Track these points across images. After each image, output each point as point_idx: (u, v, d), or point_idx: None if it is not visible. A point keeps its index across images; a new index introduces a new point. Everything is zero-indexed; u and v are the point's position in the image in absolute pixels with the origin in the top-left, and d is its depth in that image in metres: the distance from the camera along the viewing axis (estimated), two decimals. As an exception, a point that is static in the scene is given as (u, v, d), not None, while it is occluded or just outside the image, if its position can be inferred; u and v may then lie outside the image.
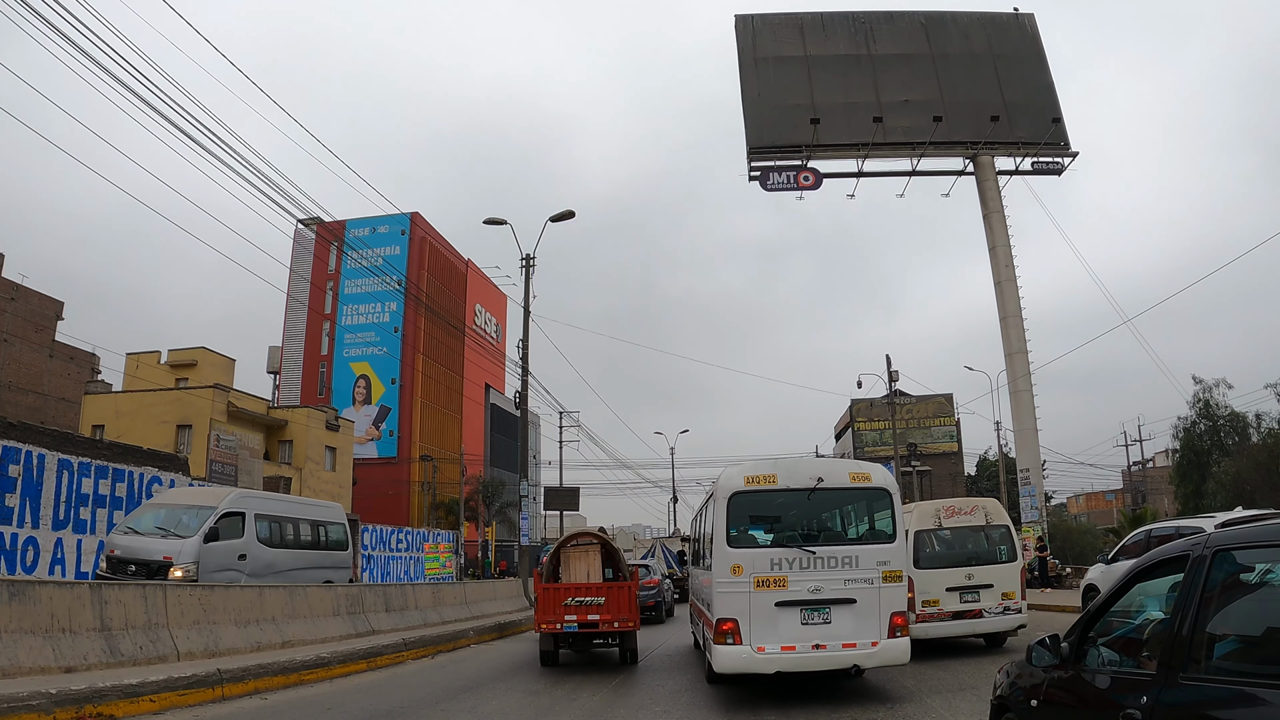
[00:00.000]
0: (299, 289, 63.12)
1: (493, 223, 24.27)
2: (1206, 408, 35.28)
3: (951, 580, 12.28)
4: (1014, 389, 30.87)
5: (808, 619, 8.76)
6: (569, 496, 59.01)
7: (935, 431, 53.81)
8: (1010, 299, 32.10)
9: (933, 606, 12.12)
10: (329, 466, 41.69)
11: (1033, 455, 29.95)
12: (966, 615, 12.16)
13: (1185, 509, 33.35)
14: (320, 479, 40.66)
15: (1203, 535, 3.36)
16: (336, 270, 65.36)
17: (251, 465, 28.70)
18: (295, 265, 64.96)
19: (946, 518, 13.05)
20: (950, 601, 12.16)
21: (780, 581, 8.86)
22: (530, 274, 24.52)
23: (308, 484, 39.64)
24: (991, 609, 12.24)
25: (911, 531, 12.27)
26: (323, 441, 41.27)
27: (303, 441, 40.04)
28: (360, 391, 62.05)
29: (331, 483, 41.58)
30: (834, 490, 9.48)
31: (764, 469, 9.57)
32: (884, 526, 9.51)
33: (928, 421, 53.91)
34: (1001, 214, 33.95)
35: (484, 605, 19.18)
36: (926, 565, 12.49)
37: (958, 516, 13.08)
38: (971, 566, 12.46)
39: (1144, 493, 54.60)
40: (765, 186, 33.32)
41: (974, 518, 13.07)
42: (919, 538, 12.70)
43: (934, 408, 54.63)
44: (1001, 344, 31.98)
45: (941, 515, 13.09)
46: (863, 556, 8.96)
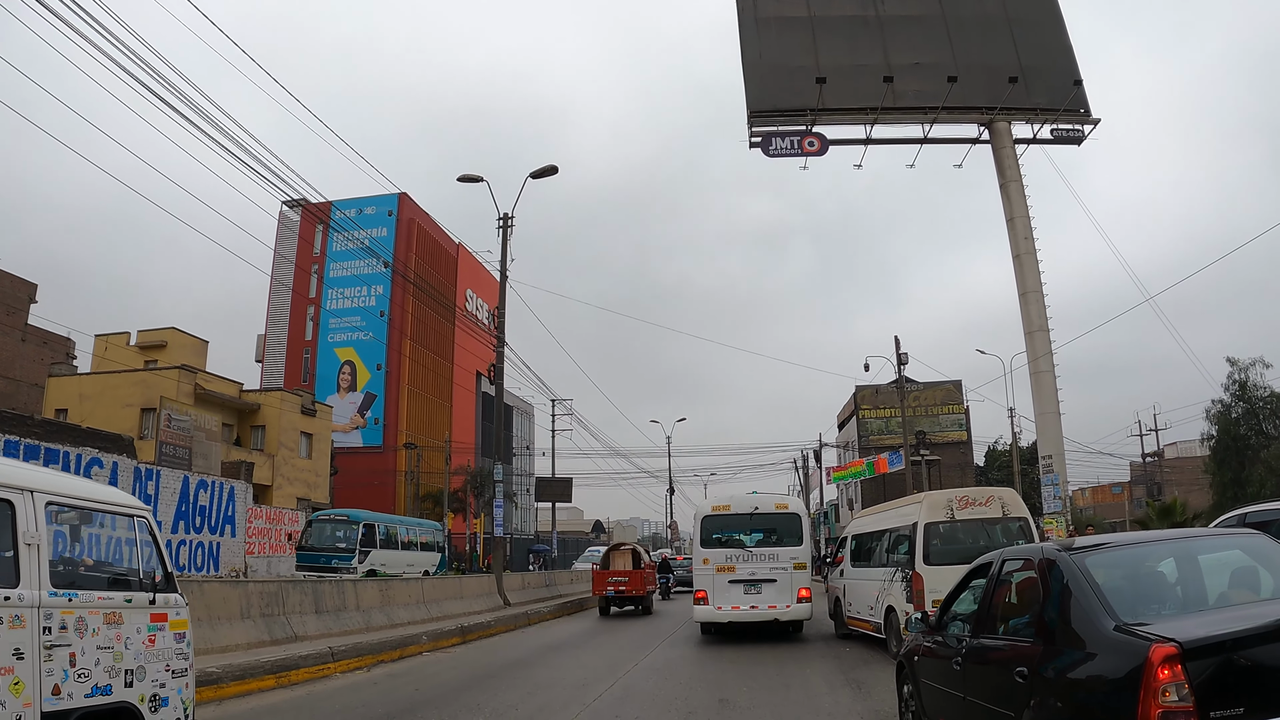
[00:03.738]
0: (283, 272, 60.84)
1: (467, 180, 22.03)
2: (1242, 389, 32.88)
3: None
4: (1034, 369, 28.62)
5: (748, 591, 14.45)
6: (561, 487, 56.90)
7: (943, 420, 51.54)
8: (1030, 273, 29.84)
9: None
10: (304, 453, 39.46)
11: (1055, 441, 27.70)
12: None
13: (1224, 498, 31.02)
14: (295, 467, 38.43)
15: (999, 551, 5.88)
16: (322, 253, 63.04)
17: (208, 449, 26.50)
18: (280, 247, 62.69)
19: (960, 509, 11.82)
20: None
21: (731, 568, 14.52)
22: (508, 234, 22.28)
23: (281, 472, 37.42)
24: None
25: (921, 524, 11.64)
26: (297, 427, 39.02)
27: (276, 426, 37.80)
28: (345, 378, 59.78)
29: (307, 471, 39.36)
30: (765, 514, 15.23)
31: (723, 500, 16.08)
32: (795, 537, 14.92)
33: (935, 409, 51.62)
34: (1020, 183, 31.70)
35: (447, 605, 17.00)
36: (937, 561, 11.28)
37: (972, 508, 11.87)
38: None
39: (1160, 484, 52.37)
40: (767, 152, 31.02)
41: (990, 509, 11.91)
42: (929, 531, 11.68)
43: (942, 395, 52.33)
44: (1021, 323, 29.73)
45: (954, 506, 11.85)
46: (781, 554, 14.59)
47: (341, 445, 56.99)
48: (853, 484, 54.25)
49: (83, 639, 4.53)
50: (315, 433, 40.38)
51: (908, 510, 12.81)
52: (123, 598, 4.92)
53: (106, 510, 5.00)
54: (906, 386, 47.78)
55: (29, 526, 4.22)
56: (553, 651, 14.38)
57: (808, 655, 13.16)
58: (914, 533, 11.89)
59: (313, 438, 40.17)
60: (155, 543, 5.30)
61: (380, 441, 56.92)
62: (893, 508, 14.34)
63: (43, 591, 4.28)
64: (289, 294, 61.27)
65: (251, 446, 38.06)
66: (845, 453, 56.82)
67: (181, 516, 24.78)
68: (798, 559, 14.70)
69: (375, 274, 59.53)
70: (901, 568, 12.23)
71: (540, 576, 26.80)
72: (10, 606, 4.08)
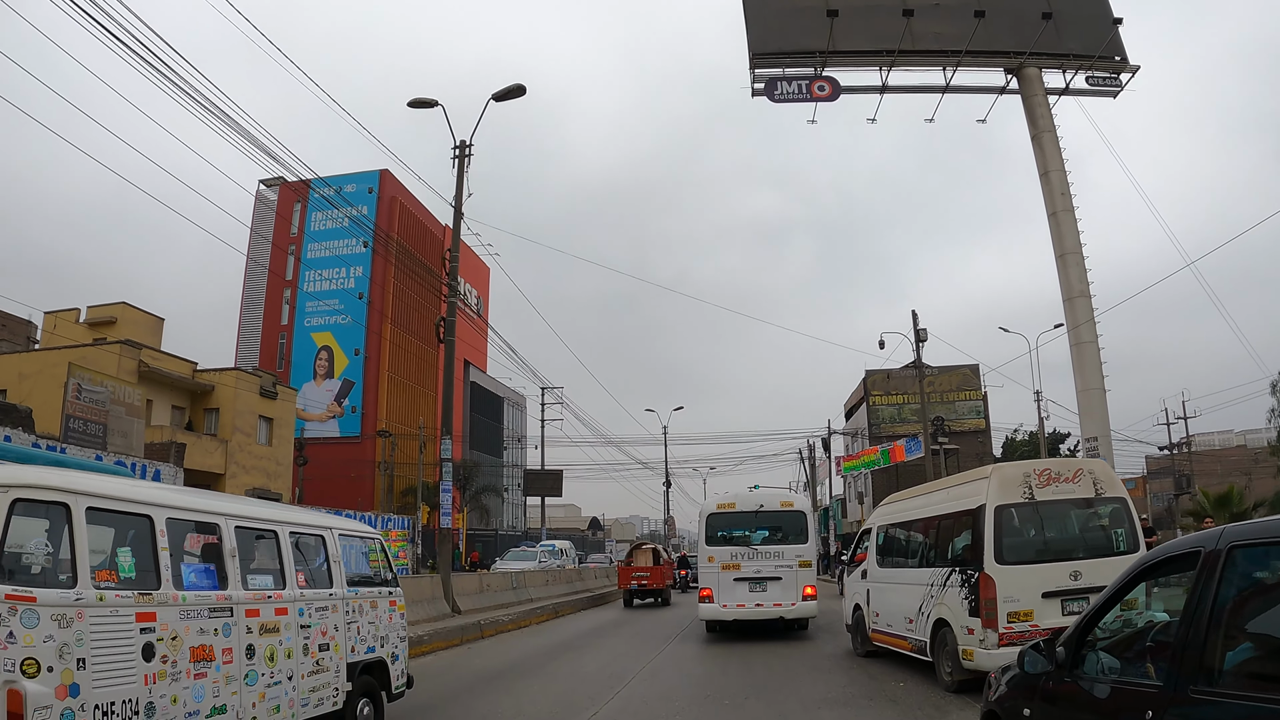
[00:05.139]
0: (260, 253, 57.43)
1: (419, 105, 18.65)
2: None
3: (1050, 581, 8.60)
4: (1075, 340, 25.21)
5: (753, 588, 14.77)
6: (551, 481, 53.50)
7: (960, 406, 47.95)
8: (1068, 232, 26.46)
9: (1023, 621, 8.42)
10: (263, 439, 36.02)
11: (1101, 421, 24.29)
12: None
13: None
14: (251, 454, 35.01)
15: (1215, 530, 3.15)
16: (300, 232, 59.65)
17: (129, 425, 23.17)
18: (256, 226, 59.22)
19: (1040, 486, 9.07)
20: (1049, 613, 8.42)
21: (736, 566, 14.86)
22: (465, 164, 18.93)
23: (235, 459, 34.02)
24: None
25: (990, 507, 8.90)
26: (255, 410, 35.58)
27: (230, 409, 34.38)
28: (321, 364, 56.40)
29: (266, 459, 35.94)
30: (770, 511, 15.40)
31: (728, 499, 15.97)
32: (800, 534, 15.17)
33: (951, 395, 48.05)
34: (1054, 133, 28.31)
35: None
36: (1012, 558, 8.76)
37: (1056, 485, 9.12)
38: (1078, 560, 8.73)
39: (1188, 475, 48.93)
40: (772, 97, 27.70)
41: (1078, 486, 9.18)
42: (1002, 517, 8.94)
43: (958, 380, 48.77)
44: (1059, 288, 26.33)
45: (1034, 482, 9.10)
46: (786, 552, 14.88)
47: (318, 435, 53.70)
48: (862, 477, 50.76)
49: (361, 617, 7.16)
50: (276, 417, 36.95)
51: (966, 490, 9.81)
52: (377, 591, 7.58)
53: (362, 537, 7.85)
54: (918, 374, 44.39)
55: (335, 550, 6.99)
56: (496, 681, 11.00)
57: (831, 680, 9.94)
58: (979, 520, 8.98)
59: (274, 422, 36.74)
60: (386, 555, 8.16)
61: (358, 431, 53.56)
62: (940, 488, 11.15)
63: (344, 589, 6.97)
64: (264, 274, 57.93)
65: (205, 431, 34.68)
66: (854, 442, 53.32)
67: (94, 503, 21.36)
68: (803, 557, 14.79)
69: (355, 254, 56.14)
70: (959, 567, 9.33)
71: (505, 578, 23.35)
72: (332, 599, 6.75)
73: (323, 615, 6.54)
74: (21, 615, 4.06)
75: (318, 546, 6.83)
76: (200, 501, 5.83)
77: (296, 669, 6.08)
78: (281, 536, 6.29)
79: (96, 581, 4.52)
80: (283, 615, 6.01)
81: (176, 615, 4.96)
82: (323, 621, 6.52)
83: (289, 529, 6.43)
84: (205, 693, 5.09)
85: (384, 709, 7.46)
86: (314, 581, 6.60)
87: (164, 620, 4.85)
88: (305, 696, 6.14)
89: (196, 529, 5.60)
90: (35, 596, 4.14)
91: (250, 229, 58.95)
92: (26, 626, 4.06)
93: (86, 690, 4.26)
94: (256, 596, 5.78)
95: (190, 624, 5.06)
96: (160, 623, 4.82)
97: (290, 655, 6.01)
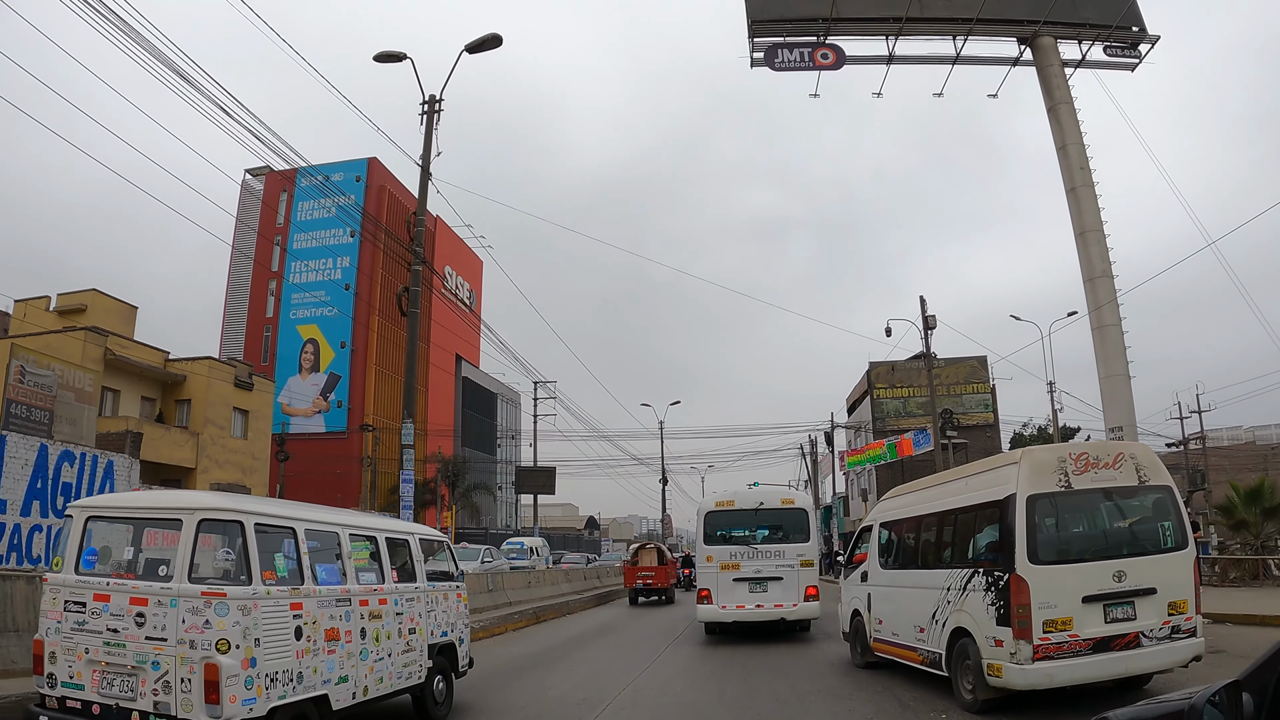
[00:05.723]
0: (245, 244, 55.74)
1: (386, 59, 17.00)
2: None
3: (1091, 583, 7.46)
4: (1097, 323, 23.56)
5: (753, 589, 14.22)
6: (543, 478, 51.83)
7: (967, 400, 46.20)
8: (1088, 208, 24.83)
9: (1061, 631, 7.28)
10: (238, 432, 34.33)
11: (1125, 409, 22.63)
12: (1115, 644, 7.36)
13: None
14: (225, 448, 33.33)
15: None
16: (286, 222, 57.98)
17: (78, 413, 21.51)
18: (242, 216, 57.49)
19: (1077, 472, 7.86)
20: (1089, 620, 7.35)
21: (735, 566, 14.31)
22: (434, 121, 17.29)
23: (208, 453, 32.36)
24: (1154, 631, 7.46)
25: (1022, 497, 7.67)
26: (229, 402, 33.89)
27: (203, 400, 32.71)
28: (307, 358, 54.71)
29: (242, 453, 34.25)
30: (770, 509, 14.89)
31: (727, 496, 15.44)
32: (802, 532, 14.69)
33: (958, 389, 46.29)
34: (1071, 104, 26.68)
35: None
36: (1049, 557, 7.59)
37: (1095, 471, 7.92)
38: (1122, 558, 7.62)
39: (1202, 470, 47.31)
40: (773, 66, 26.06)
41: (1120, 472, 7.97)
42: (1035, 508, 7.69)
43: (966, 372, 47.06)
44: (1079, 268, 24.69)
45: (1070, 468, 7.87)
46: (787, 551, 14.35)
47: (304, 430, 52.05)
48: (865, 473, 49.06)
49: (437, 606, 8.40)
50: (253, 409, 35.26)
51: (991, 479, 8.50)
52: (447, 585, 8.85)
53: (434, 539, 9.12)
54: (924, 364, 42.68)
55: (416, 551, 8.22)
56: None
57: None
58: (1009, 512, 7.74)
59: (249, 415, 35.05)
60: (452, 554, 9.45)
61: (344, 426, 51.86)
62: (956, 478, 9.66)
63: (425, 583, 8.23)
64: (249, 265, 56.26)
65: (176, 423, 33.02)
66: (857, 436, 51.58)
67: (37, 496, 19.56)
68: (805, 556, 14.39)
69: (342, 244, 54.48)
70: (983, 568, 8.07)
71: (480, 579, 21.63)
72: (417, 591, 7.96)
73: (410, 604, 7.79)
74: (215, 607, 5.24)
75: (404, 548, 8.09)
76: (325, 516, 7.09)
77: (394, 648, 7.34)
78: (379, 541, 7.58)
79: (264, 580, 5.66)
80: (383, 605, 7.25)
81: (315, 604, 6.17)
82: (410, 609, 7.78)
83: (384, 535, 7.74)
84: (334, 665, 6.32)
85: (454, 685, 8.70)
86: (403, 577, 7.84)
87: (307, 609, 6.07)
88: (399, 670, 7.43)
89: (324, 537, 6.76)
90: (225, 592, 5.34)
91: (236, 219, 57.41)
92: (219, 615, 5.23)
93: (260, 663, 5.44)
94: (366, 589, 7.04)
95: (324, 611, 6.28)
96: (305, 610, 6.02)
97: (389, 637, 7.27)
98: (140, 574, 5.77)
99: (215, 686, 5.08)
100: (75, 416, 21.09)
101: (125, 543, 6.20)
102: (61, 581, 5.65)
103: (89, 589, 5.51)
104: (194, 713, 5.09)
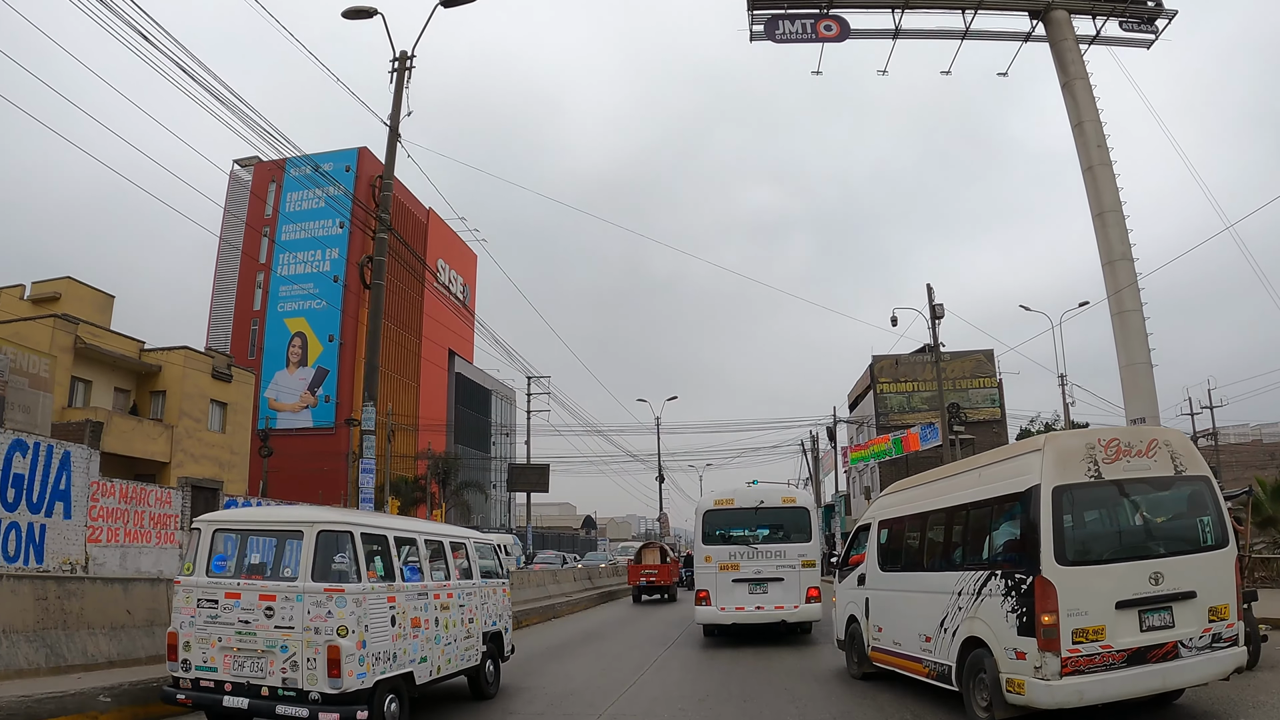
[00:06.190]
0: (233, 235, 54.40)
1: (355, 15, 15.71)
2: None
3: (1126, 586, 6.58)
4: (1117, 308, 22.25)
5: (753, 590, 13.85)
6: (537, 475, 50.48)
7: (973, 395, 44.89)
8: (1106, 188, 23.52)
9: (1092, 641, 6.38)
10: (215, 425, 32.96)
11: (1148, 400, 21.32)
12: (1151, 656, 6.46)
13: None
14: (202, 441, 31.98)
15: None
16: (274, 213, 56.61)
17: (32, 399, 20.17)
18: (230, 207, 56.15)
19: (1108, 461, 6.95)
20: (1124, 628, 6.46)
21: (735, 566, 13.93)
22: (404, 78, 15.99)
23: (182, 446, 31.01)
24: (1193, 640, 6.58)
25: (1047, 488, 6.76)
26: (207, 394, 32.54)
27: (177, 392, 31.35)
28: (295, 351, 53.37)
29: (219, 447, 32.89)
30: (771, 508, 14.48)
31: (726, 494, 14.96)
32: (803, 532, 14.28)
33: (963, 383, 44.95)
34: (1086, 80, 25.40)
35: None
36: (1078, 556, 6.70)
37: (1127, 460, 7.01)
38: (1159, 558, 6.74)
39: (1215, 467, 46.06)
40: (774, 37, 24.77)
41: (1154, 461, 7.08)
42: (1061, 501, 6.78)
43: (971, 366, 45.72)
44: (1098, 251, 23.37)
45: (1100, 456, 6.96)
46: (788, 551, 14.00)
47: (291, 426, 50.75)
48: (868, 471, 47.72)
49: (489, 600, 9.65)
50: (232, 402, 33.90)
51: (1009, 469, 7.55)
52: (496, 582, 10.12)
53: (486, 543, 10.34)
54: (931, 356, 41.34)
55: (472, 552, 9.51)
56: None
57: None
58: (1032, 506, 6.87)
59: (228, 407, 33.69)
60: (498, 555, 10.57)
61: (332, 421, 50.53)
62: (967, 469, 8.61)
63: (480, 580, 9.46)
64: (237, 257, 54.90)
65: (151, 415, 31.67)
66: (859, 432, 50.21)
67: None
68: (806, 556, 14.06)
69: (331, 236, 53.16)
70: (1000, 570, 7.16)
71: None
72: (474, 586, 9.21)
73: (469, 597, 8.94)
74: (335, 600, 6.50)
75: (463, 550, 9.25)
76: (407, 525, 8.58)
77: (458, 634, 8.49)
78: (445, 545, 8.78)
79: (368, 578, 6.99)
80: (450, 598, 8.41)
81: (404, 598, 7.47)
82: (469, 602, 8.95)
83: (449, 539, 8.97)
84: (418, 647, 7.58)
85: (501, 668, 9.92)
86: (463, 575, 9.03)
87: (398, 601, 7.35)
88: (462, 654, 8.59)
89: (406, 542, 8.00)
90: (343, 589, 6.63)
91: (224, 209, 56.12)
92: (339, 607, 6.49)
93: (369, 645, 6.72)
94: (438, 585, 8.26)
95: (409, 603, 7.56)
96: (397, 603, 7.32)
97: (455, 625, 8.43)
98: (267, 575, 7.23)
99: (337, 663, 6.26)
100: (29, 404, 19.79)
101: (250, 550, 7.73)
102: (194, 583, 6.77)
103: (220, 588, 6.67)
104: (318, 685, 6.22)
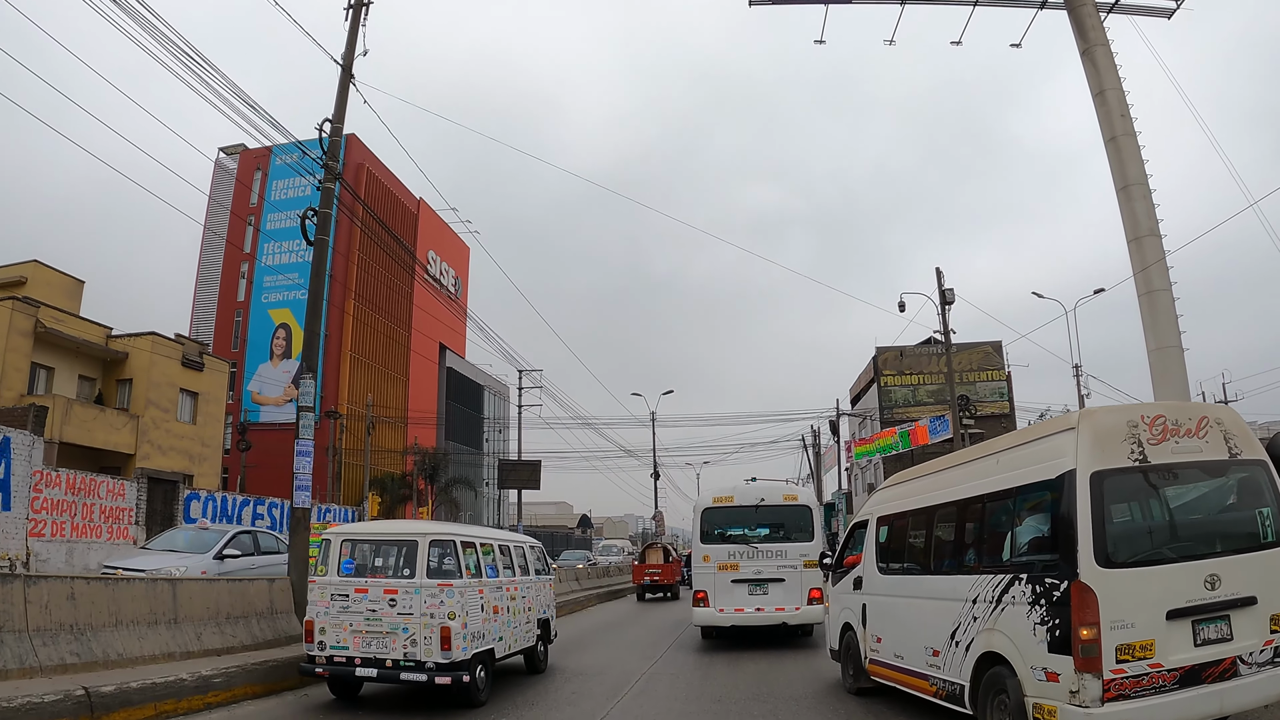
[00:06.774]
0: (217, 225, 52.78)
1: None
2: None
3: (1178, 592, 5.36)
4: (1144, 288, 20.51)
5: (752, 591, 13.52)
6: (528, 472, 48.72)
7: (981, 388, 43.23)
8: (1131, 160, 21.77)
9: (1139, 659, 5.19)
10: (185, 416, 31.34)
11: (1179, 385, 19.55)
12: (1207, 675, 5.27)
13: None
14: (170, 432, 30.37)
15: None
16: (260, 202, 54.99)
17: (-36, 384, 18.54)
18: (215, 196, 54.50)
19: (1154, 441, 5.71)
20: (1175, 643, 5.29)
21: (734, 566, 13.62)
22: (360, 16, 14.37)
23: (149, 437, 29.40)
24: (1253, 655, 5.42)
25: (1084, 474, 5.53)
26: (175, 382, 30.91)
27: (144, 380, 29.73)
28: (279, 343, 51.78)
29: (189, 438, 31.28)
30: (772, 506, 14.11)
31: (725, 492, 14.54)
32: (805, 531, 13.86)
33: (971, 376, 43.30)
34: (1107, 47, 23.60)
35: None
36: (1124, 557, 5.45)
37: (1175, 441, 5.78)
38: (1215, 558, 5.54)
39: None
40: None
41: (1206, 443, 5.86)
42: (1102, 489, 5.52)
43: (979, 358, 44.14)
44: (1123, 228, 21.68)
45: (1145, 436, 5.72)
46: (790, 550, 13.62)
47: (275, 420, 49.06)
48: (871, 468, 46.08)
49: (540, 593, 11.70)
50: (204, 392, 32.28)
51: (1034, 452, 6.27)
52: (545, 578, 12.13)
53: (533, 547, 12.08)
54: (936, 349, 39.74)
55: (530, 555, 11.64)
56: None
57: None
58: (1066, 495, 5.66)
59: (199, 397, 32.07)
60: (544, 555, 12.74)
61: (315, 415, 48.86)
62: (984, 455, 7.19)
63: (533, 576, 11.47)
64: (221, 247, 53.27)
65: (117, 405, 30.06)
66: (861, 427, 48.54)
67: (-90, 477, 16.90)
68: (808, 556, 13.56)
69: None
70: (1026, 573, 5.99)
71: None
72: (529, 581, 11.15)
73: (526, 590, 11.06)
74: (445, 592, 8.43)
75: (521, 551, 11.37)
76: (487, 534, 10.74)
77: (520, 620, 10.67)
78: (510, 549, 10.89)
79: (466, 575, 8.97)
80: (515, 590, 10.58)
81: (488, 590, 9.49)
82: (527, 594, 11.08)
83: (513, 544, 11.13)
84: (497, 629, 9.68)
85: (549, 650, 11.95)
86: (523, 571, 11.16)
87: (485, 593, 9.34)
88: (524, 636, 10.80)
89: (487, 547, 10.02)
90: (451, 583, 8.58)
91: (209, 197, 54.47)
92: (449, 597, 8.43)
93: (471, 627, 8.76)
94: (508, 580, 10.38)
95: (491, 594, 9.60)
96: (484, 594, 9.31)
97: (519, 612, 10.65)
98: (390, 574, 9.02)
99: (448, 640, 8.25)
100: (-39, 387, 18.16)
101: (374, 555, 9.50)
102: (327, 581, 8.69)
103: (350, 585, 8.58)
104: (433, 656, 8.18)
